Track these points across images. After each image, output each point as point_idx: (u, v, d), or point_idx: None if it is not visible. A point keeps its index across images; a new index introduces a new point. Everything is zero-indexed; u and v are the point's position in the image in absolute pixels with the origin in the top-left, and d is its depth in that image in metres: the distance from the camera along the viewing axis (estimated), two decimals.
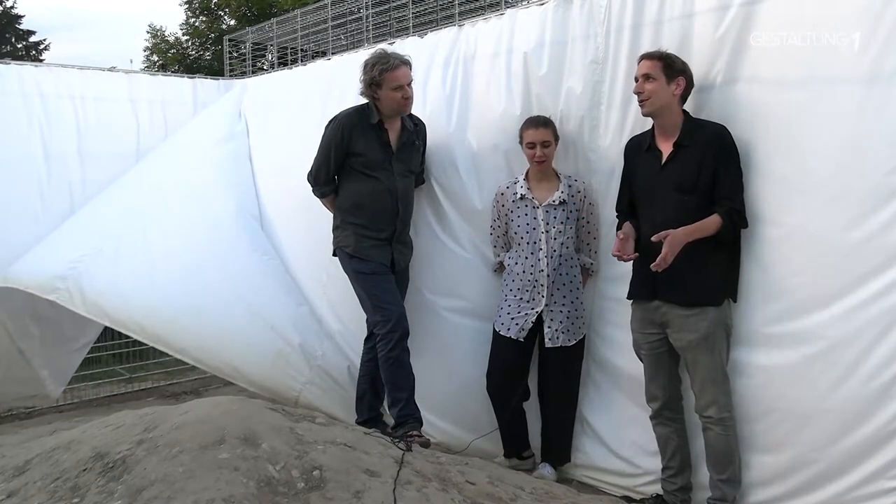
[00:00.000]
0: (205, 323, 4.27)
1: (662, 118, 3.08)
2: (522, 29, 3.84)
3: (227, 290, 4.47)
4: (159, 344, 4.28)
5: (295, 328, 4.47)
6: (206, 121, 5.74)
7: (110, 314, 4.32)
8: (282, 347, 4.33)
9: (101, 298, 4.32)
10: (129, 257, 4.55)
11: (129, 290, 4.36)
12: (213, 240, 4.78)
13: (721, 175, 2.96)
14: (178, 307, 4.30)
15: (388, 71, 3.68)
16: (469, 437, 3.90)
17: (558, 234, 3.59)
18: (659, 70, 3.02)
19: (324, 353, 4.45)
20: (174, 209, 4.90)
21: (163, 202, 4.95)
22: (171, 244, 4.64)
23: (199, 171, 5.26)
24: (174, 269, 4.48)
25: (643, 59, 3.09)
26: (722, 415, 2.99)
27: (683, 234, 2.90)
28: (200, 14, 20.70)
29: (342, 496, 2.41)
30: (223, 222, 4.94)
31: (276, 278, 4.76)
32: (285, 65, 6.93)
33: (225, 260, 4.68)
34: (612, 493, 3.47)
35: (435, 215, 4.09)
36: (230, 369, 4.20)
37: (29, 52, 20.95)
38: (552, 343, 3.58)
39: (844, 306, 2.75)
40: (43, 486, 2.51)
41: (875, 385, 2.69)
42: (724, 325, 3.01)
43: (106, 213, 4.97)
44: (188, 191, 5.07)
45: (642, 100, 3.07)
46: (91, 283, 4.37)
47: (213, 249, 4.70)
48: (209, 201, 5.03)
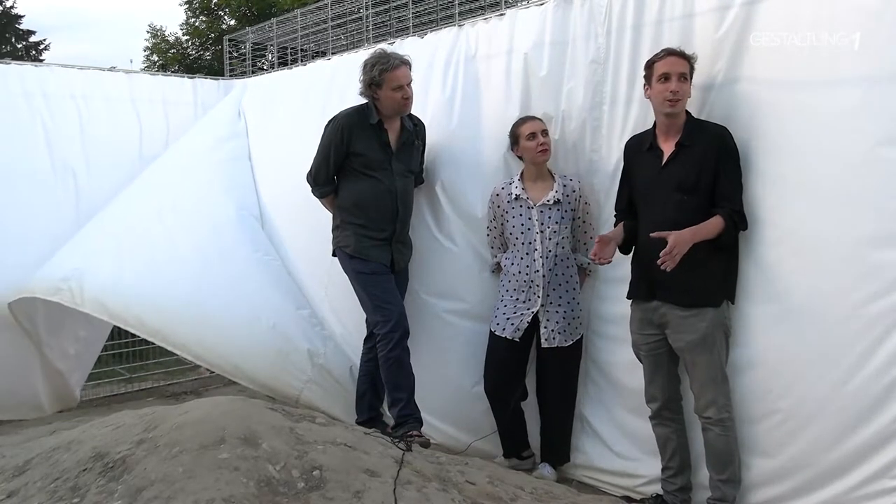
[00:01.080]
0: (205, 320, 4.26)
1: (676, 118, 3.06)
2: (523, 29, 3.83)
3: (229, 288, 4.47)
4: (158, 339, 4.27)
5: (297, 327, 4.47)
6: (208, 123, 5.75)
7: (110, 309, 4.33)
8: (282, 346, 4.33)
9: (101, 295, 4.34)
10: (130, 255, 4.56)
11: (129, 287, 4.37)
12: (215, 239, 4.78)
13: (722, 176, 2.96)
14: (179, 303, 4.30)
15: (388, 71, 3.68)
16: (468, 438, 3.90)
17: (553, 233, 3.58)
18: (688, 70, 3.01)
19: (325, 353, 4.45)
20: (177, 209, 4.90)
21: (166, 202, 4.96)
22: (173, 243, 4.65)
23: (202, 172, 5.27)
24: (176, 267, 4.49)
25: (673, 56, 3.00)
26: (721, 415, 2.99)
27: (690, 234, 2.88)
28: (200, 14, 20.67)
29: (342, 496, 2.41)
30: (225, 222, 4.95)
31: (278, 279, 4.77)
32: (285, 65, 6.93)
33: (227, 259, 4.68)
34: (612, 493, 3.48)
35: (433, 216, 4.09)
36: (230, 366, 4.19)
37: (29, 52, 20.95)
38: (548, 343, 3.58)
39: (846, 306, 2.75)
40: (43, 486, 2.51)
41: (877, 385, 2.69)
42: (722, 325, 3.01)
43: (110, 215, 4.99)
44: (191, 191, 5.08)
45: (677, 99, 2.99)
46: (92, 281, 4.39)
47: (216, 248, 4.71)
48: (212, 201, 5.05)
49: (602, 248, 3.07)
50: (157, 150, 5.57)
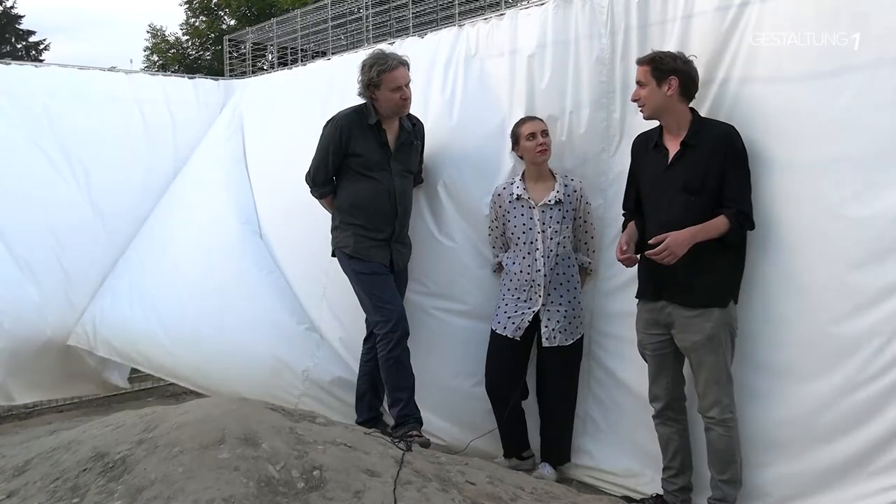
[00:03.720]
0: (208, 354, 4.54)
1: (664, 119, 3.07)
2: (524, 29, 3.84)
3: (231, 316, 4.66)
4: (163, 373, 4.74)
5: (294, 347, 4.53)
6: (210, 142, 5.83)
7: (118, 350, 4.80)
8: (277, 366, 4.44)
9: (111, 336, 4.82)
10: (139, 294, 4.96)
11: (136, 326, 4.77)
12: (220, 265, 4.92)
13: (729, 177, 2.94)
14: (183, 339, 4.65)
15: (387, 72, 3.68)
16: (468, 438, 3.89)
17: (554, 233, 3.58)
18: (648, 74, 3.01)
19: (317, 361, 4.48)
20: (181, 238, 5.13)
21: (171, 234, 5.18)
22: (178, 276, 4.94)
23: (205, 192, 5.40)
24: (180, 304, 4.78)
25: (637, 65, 3.10)
26: (724, 415, 2.98)
27: (689, 234, 2.88)
28: (200, 14, 20.70)
29: (342, 496, 2.41)
30: (230, 244, 5.03)
31: (279, 295, 4.79)
32: (285, 65, 6.92)
33: (231, 286, 4.81)
34: (612, 493, 3.47)
35: (434, 217, 4.09)
36: (229, 391, 4.27)
37: (29, 52, 20.98)
38: (549, 343, 3.58)
39: (855, 304, 2.75)
40: (43, 486, 2.51)
41: (883, 384, 2.68)
42: (728, 326, 3.00)
43: (127, 255, 5.26)
44: (195, 216, 5.26)
45: (639, 106, 3.09)
46: (104, 323, 4.83)
47: (220, 276, 4.87)
48: (215, 225, 5.14)
49: (626, 253, 3.12)
50: (165, 147, 5.67)
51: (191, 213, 5.27)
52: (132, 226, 5.38)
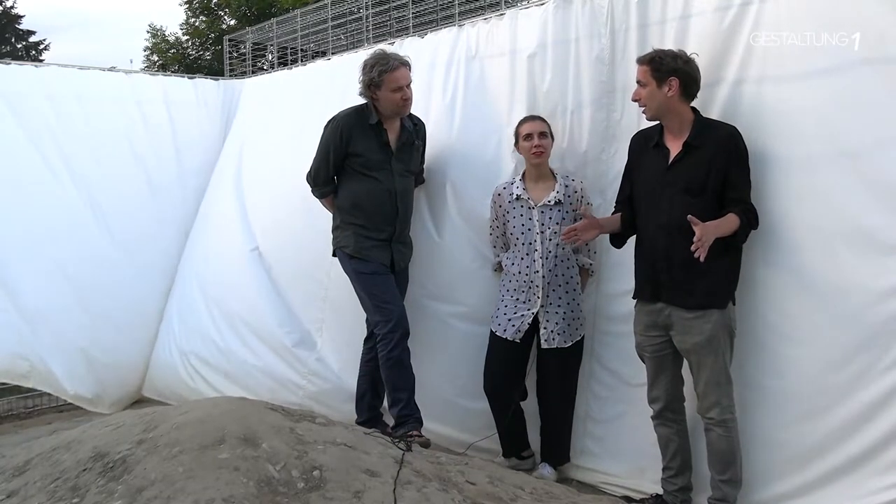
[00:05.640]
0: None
1: (667, 120, 3.05)
2: (524, 29, 3.84)
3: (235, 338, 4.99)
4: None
5: (286, 364, 4.67)
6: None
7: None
8: (273, 385, 4.58)
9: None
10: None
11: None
12: (232, 296, 5.10)
13: (733, 177, 2.93)
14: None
15: (388, 72, 3.67)
16: (468, 438, 3.89)
17: (553, 234, 3.57)
18: (648, 75, 2.99)
19: (310, 367, 4.53)
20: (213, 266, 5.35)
21: (207, 261, 5.42)
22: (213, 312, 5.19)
23: (209, 231, 5.58)
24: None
25: (637, 64, 3.07)
26: (724, 416, 2.97)
27: (714, 226, 2.83)
28: (200, 14, 20.70)
29: (342, 496, 2.41)
30: (236, 262, 5.12)
31: (274, 310, 4.85)
32: (285, 65, 6.92)
33: (238, 317, 5.01)
34: (612, 493, 3.46)
35: (434, 218, 4.09)
36: None
37: (29, 52, 20.99)
38: (548, 344, 3.58)
39: (858, 304, 2.75)
40: (43, 486, 2.51)
41: (885, 384, 2.68)
42: (728, 327, 2.99)
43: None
44: (203, 251, 5.52)
45: (640, 107, 3.08)
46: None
47: (231, 307, 5.08)
48: (226, 259, 5.27)
49: (583, 231, 3.14)
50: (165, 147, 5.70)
51: (199, 248, 5.57)
52: (132, 226, 5.40)
